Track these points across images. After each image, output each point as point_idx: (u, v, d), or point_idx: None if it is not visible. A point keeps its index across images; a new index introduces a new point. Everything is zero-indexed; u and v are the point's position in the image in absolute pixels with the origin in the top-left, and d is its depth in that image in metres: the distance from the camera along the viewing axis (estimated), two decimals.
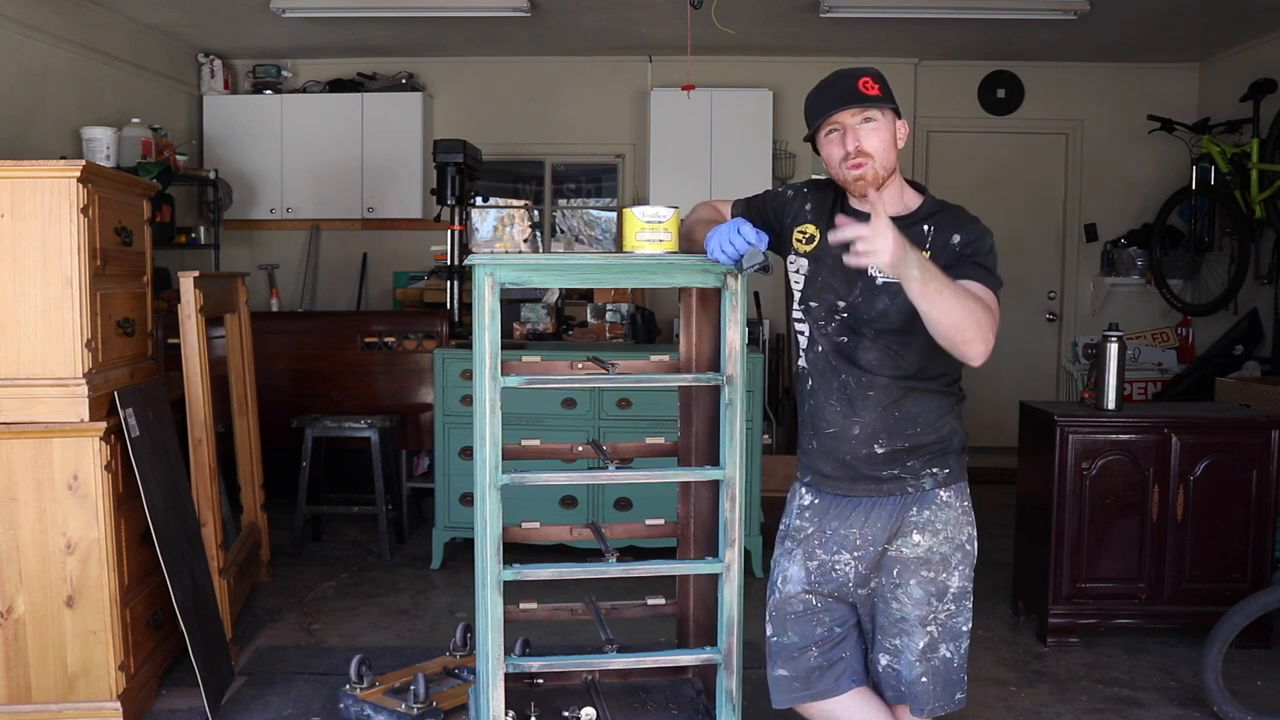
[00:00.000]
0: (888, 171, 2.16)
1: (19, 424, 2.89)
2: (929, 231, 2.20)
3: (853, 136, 2.11)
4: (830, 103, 2.12)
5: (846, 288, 2.19)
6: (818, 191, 2.29)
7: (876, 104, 2.10)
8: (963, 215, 2.27)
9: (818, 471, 2.25)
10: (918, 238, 2.15)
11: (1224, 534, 3.79)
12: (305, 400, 5.23)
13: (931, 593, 2.19)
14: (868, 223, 1.92)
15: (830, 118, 2.12)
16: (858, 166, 2.12)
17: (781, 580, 2.31)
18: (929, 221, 2.22)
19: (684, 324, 2.57)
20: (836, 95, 2.12)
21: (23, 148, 4.90)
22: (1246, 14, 5.72)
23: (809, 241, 2.24)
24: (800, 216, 2.27)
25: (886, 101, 2.12)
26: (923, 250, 2.12)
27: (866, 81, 2.12)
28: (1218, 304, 6.23)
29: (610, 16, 5.98)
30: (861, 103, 2.09)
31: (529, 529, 2.47)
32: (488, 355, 2.15)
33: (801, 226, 2.26)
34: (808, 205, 2.27)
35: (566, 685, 2.55)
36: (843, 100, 2.10)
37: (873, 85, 2.12)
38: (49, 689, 2.96)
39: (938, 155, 7.20)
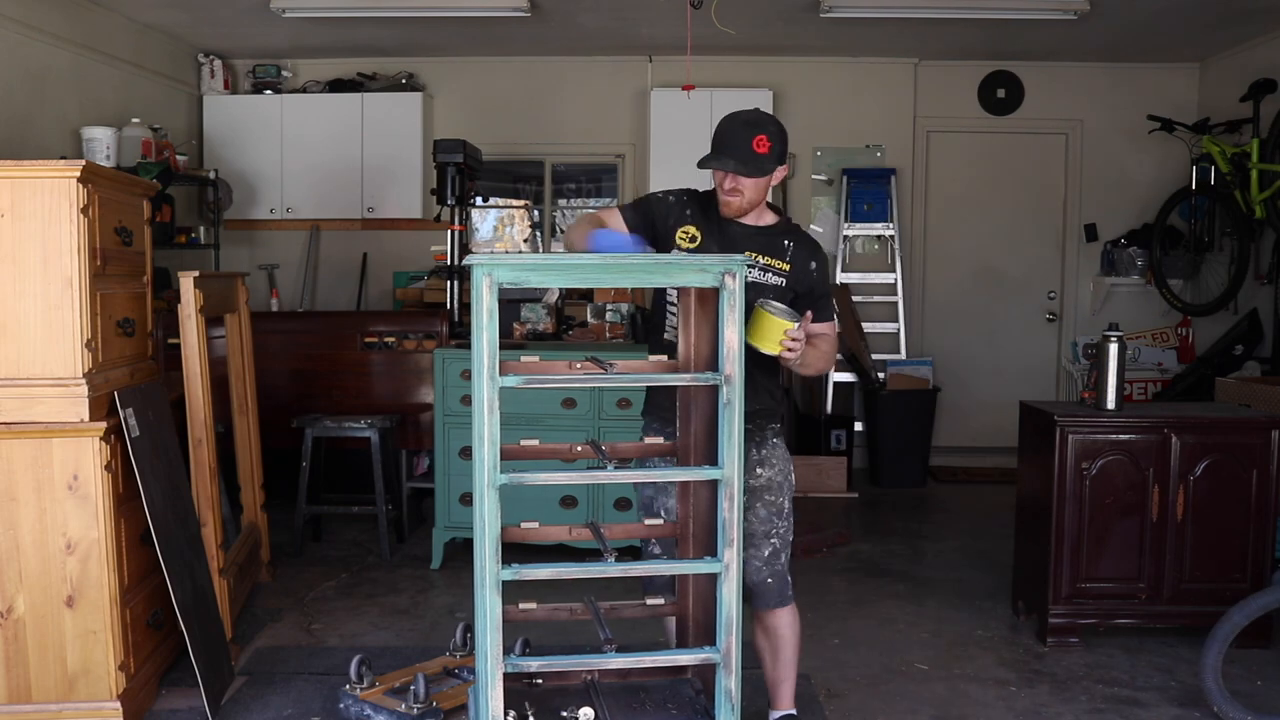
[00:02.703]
0: (753, 205, 2.73)
1: (19, 424, 2.89)
2: (789, 246, 2.75)
3: (733, 179, 2.67)
4: (726, 150, 2.64)
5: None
6: (696, 200, 2.80)
7: (759, 169, 2.63)
8: (812, 241, 2.81)
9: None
10: (779, 248, 2.75)
11: (1224, 534, 3.79)
12: (305, 400, 5.23)
13: (773, 512, 2.82)
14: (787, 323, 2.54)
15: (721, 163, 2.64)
16: (731, 195, 2.69)
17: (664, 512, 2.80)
18: (786, 237, 2.77)
19: (682, 324, 2.57)
20: (733, 146, 2.64)
21: (23, 148, 4.90)
22: (1246, 14, 5.72)
23: (691, 240, 2.74)
24: (681, 220, 2.76)
25: (771, 161, 2.65)
26: (784, 259, 2.73)
27: (761, 140, 2.63)
28: (1218, 304, 6.23)
29: (610, 16, 5.98)
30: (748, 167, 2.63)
31: (528, 529, 2.47)
32: (486, 355, 2.15)
33: (684, 228, 2.75)
34: (688, 211, 2.77)
35: (566, 685, 2.54)
36: (735, 155, 2.63)
37: (764, 144, 2.63)
38: (49, 689, 2.96)
39: (938, 155, 7.20)
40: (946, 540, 5.36)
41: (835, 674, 3.56)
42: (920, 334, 7.21)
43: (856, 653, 3.77)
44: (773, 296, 2.70)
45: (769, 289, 2.70)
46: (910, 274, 7.14)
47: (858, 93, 7.01)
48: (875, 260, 7.12)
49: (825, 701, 3.33)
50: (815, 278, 2.77)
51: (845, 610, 4.25)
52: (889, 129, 7.07)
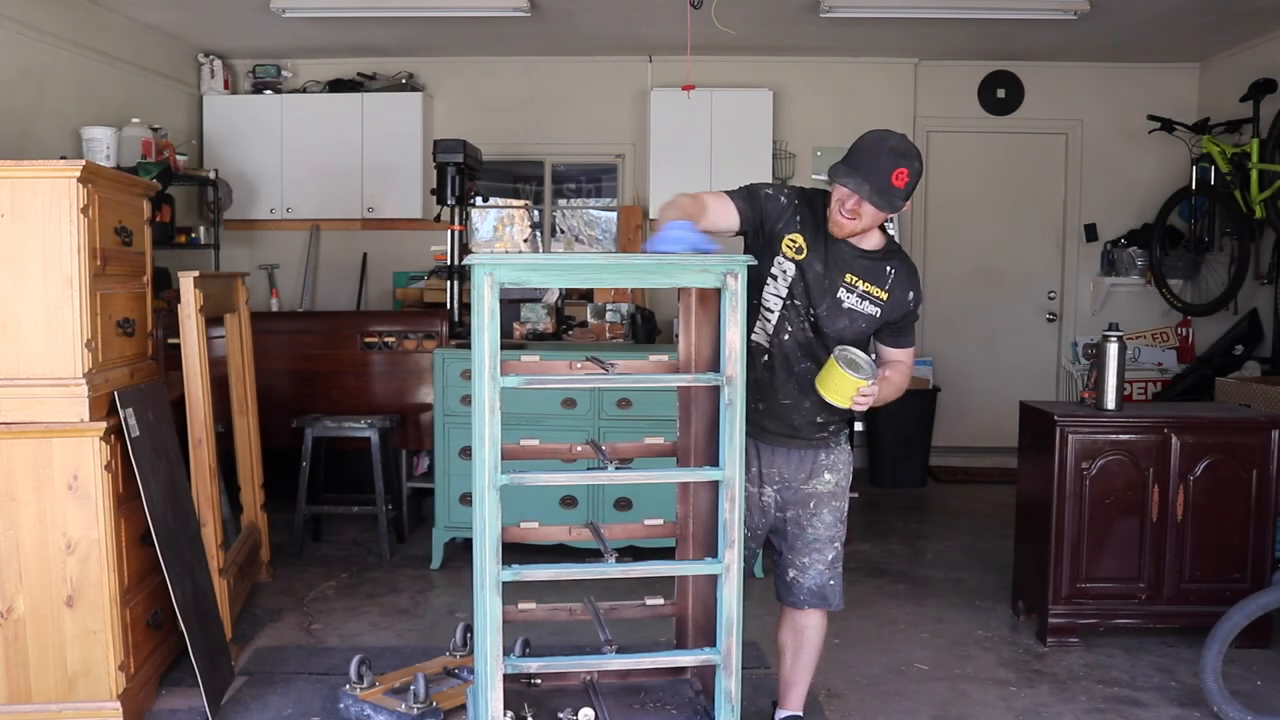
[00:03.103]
0: (866, 231, 2.63)
1: (19, 424, 2.89)
2: (890, 272, 2.68)
3: (857, 201, 2.54)
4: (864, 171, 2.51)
5: (820, 300, 2.66)
6: (808, 206, 2.67)
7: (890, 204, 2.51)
8: (913, 269, 2.74)
9: (760, 427, 2.74)
10: (880, 273, 2.67)
11: (1224, 534, 3.79)
12: (305, 400, 5.23)
13: (839, 518, 2.82)
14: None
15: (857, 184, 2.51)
16: (849, 219, 2.57)
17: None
18: (889, 263, 2.69)
19: (683, 324, 2.57)
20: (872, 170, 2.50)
21: (23, 148, 4.90)
22: (1246, 14, 5.72)
23: (798, 251, 2.64)
24: (790, 226, 2.65)
25: (903, 198, 2.53)
26: (883, 287, 2.66)
27: (902, 174, 2.51)
28: (1218, 304, 6.23)
29: (610, 16, 5.98)
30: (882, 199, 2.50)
31: (527, 529, 2.47)
32: (487, 355, 2.15)
33: (791, 236, 2.64)
34: (798, 217, 2.65)
35: (564, 686, 2.54)
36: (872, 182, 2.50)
37: (905, 178, 2.51)
38: (49, 689, 2.96)
39: (938, 155, 7.19)
40: (946, 540, 5.36)
41: (835, 674, 3.56)
42: (920, 334, 7.13)
43: (856, 653, 3.77)
44: (864, 325, 2.66)
45: (863, 317, 2.65)
46: None
47: (858, 93, 7.01)
48: None
49: (825, 702, 3.33)
50: (910, 308, 2.72)
51: (845, 610, 4.20)
52: (889, 129, 7.05)
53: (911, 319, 2.76)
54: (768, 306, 2.68)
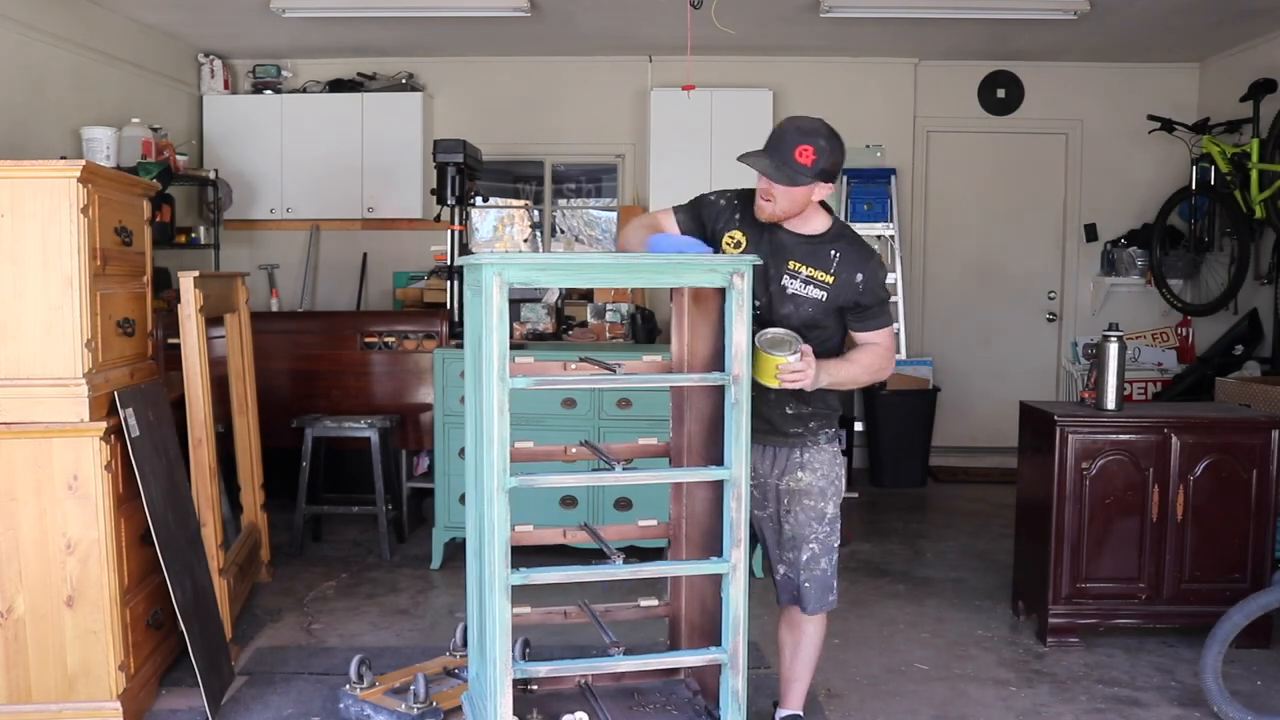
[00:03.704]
0: (788, 214, 2.64)
1: (19, 424, 2.89)
2: (835, 256, 2.67)
3: (766, 181, 2.61)
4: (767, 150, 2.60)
5: (763, 289, 2.67)
6: (744, 202, 2.73)
7: (790, 179, 2.55)
8: (862, 249, 2.71)
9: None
10: (824, 257, 2.67)
11: (1224, 534, 3.79)
12: (305, 400, 5.23)
13: (812, 516, 2.77)
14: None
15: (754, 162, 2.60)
16: (764, 200, 2.63)
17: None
18: (834, 246, 2.68)
19: (675, 324, 2.57)
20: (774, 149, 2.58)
21: (23, 148, 4.89)
22: (1246, 14, 5.72)
23: (736, 246, 2.69)
24: (729, 224, 2.72)
25: (807, 174, 2.55)
26: (828, 272, 2.65)
27: (806, 150, 2.55)
28: (1218, 304, 6.24)
29: (610, 16, 5.98)
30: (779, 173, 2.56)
31: (522, 531, 2.46)
32: (496, 356, 2.14)
33: (730, 233, 2.71)
34: (736, 215, 2.72)
35: (561, 689, 2.54)
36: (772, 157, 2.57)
37: (809, 155, 2.55)
38: (49, 689, 2.96)
39: (938, 155, 7.20)
40: (946, 540, 5.36)
41: (835, 674, 3.56)
42: (920, 334, 7.21)
43: (856, 653, 3.77)
44: (811, 310, 2.64)
45: (808, 302, 2.66)
46: (910, 274, 7.14)
47: (858, 93, 7.01)
48: None
49: (825, 702, 3.33)
50: (861, 290, 2.67)
51: (845, 610, 4.24)
52: (889, 129, 7.07)
53: (873, 300, 2.69)
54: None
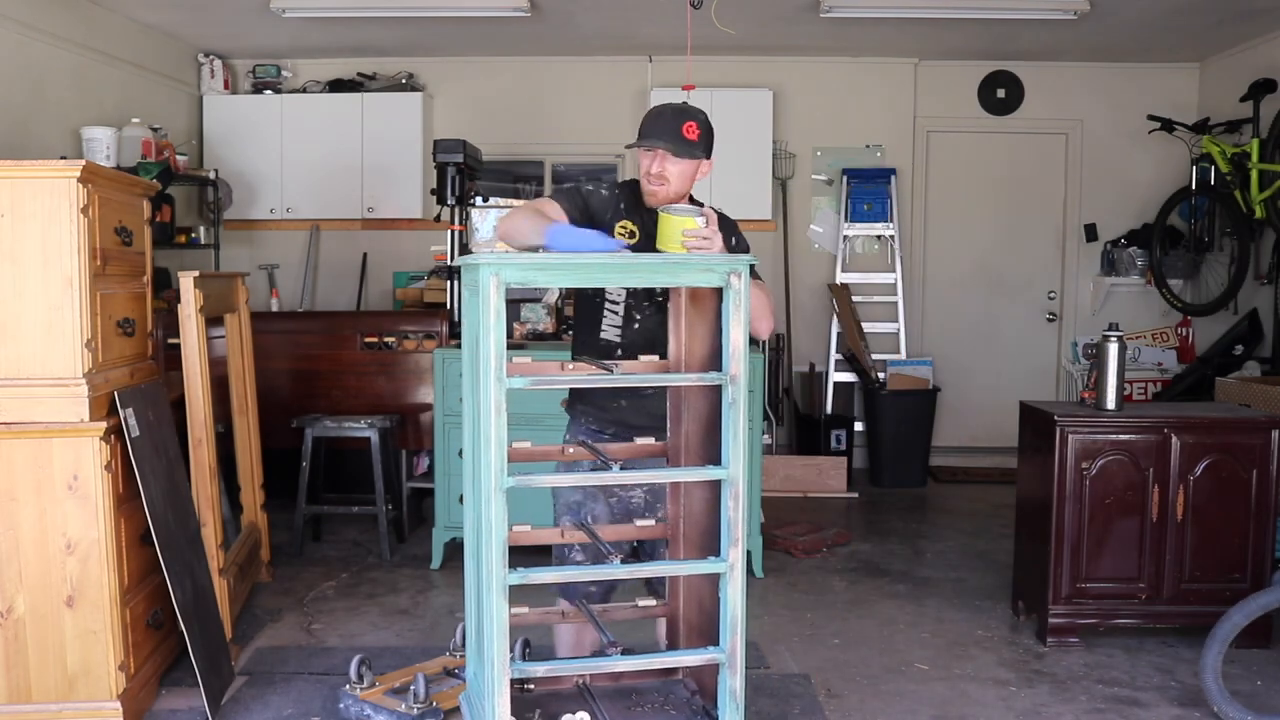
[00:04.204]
0: (679, 195, 2.68)
1: (19, 424, 2.89)
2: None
3: (659, 162, 2.63)
4: (656, 132, 2.61)
5: None
6: (628, 191, 2.75)
7: (689, 152, 2.60)
8: (730, 222, 2.75)
9: (625, 423, 2.73)
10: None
11: (1224, 534, 3.79)
12: (305, 400, 5.23)
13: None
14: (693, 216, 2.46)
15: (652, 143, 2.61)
16: (657, 184, 2.65)
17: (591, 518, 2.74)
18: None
19: (672, 324, 2.56)
20: (663, 129, 2.61)
21: (23, 148, 4.90)
22: (1246, 14, 5.72)
23: (630, 236, 2.69)
24: (618, 214, 2.71)
25: (699, 148, 2.63)
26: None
27: (691, 126, 2.61)
28: (1218, 304, 6.24)
29: (610, 16, 5.98)
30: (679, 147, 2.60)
31: (520, 531, 2.45)
32: (493, 356, 2.14)
33: (621, 223, 2.70)
34: (622, 204, 2.72)
35: (558, 689, 2.53)
36: (665, 136, 2.60)
37: (694, 130, 2.61)
38: (49, 689, 2.96)
39: (938, 155, 7.20)
40: (946, 540, 5.36)
41: (835, 674, 3.56)
42: (920, 334, 7.21)
43: (856, 653, 3.77)
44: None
45: None
46: (910, 274, 7.14)
47: (858, 93, 7.01)
48: (875, 260, 7.12)
49: (825, 701, 3.33)
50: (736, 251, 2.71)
51: (845, 610, 4.25)
52: (889, 129, 7.08)
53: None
54: (613, 300, 2.72)
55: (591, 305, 2.76)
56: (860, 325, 6.85)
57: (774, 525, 5.30)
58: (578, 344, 2.80)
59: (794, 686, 3.43)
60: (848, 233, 7.02)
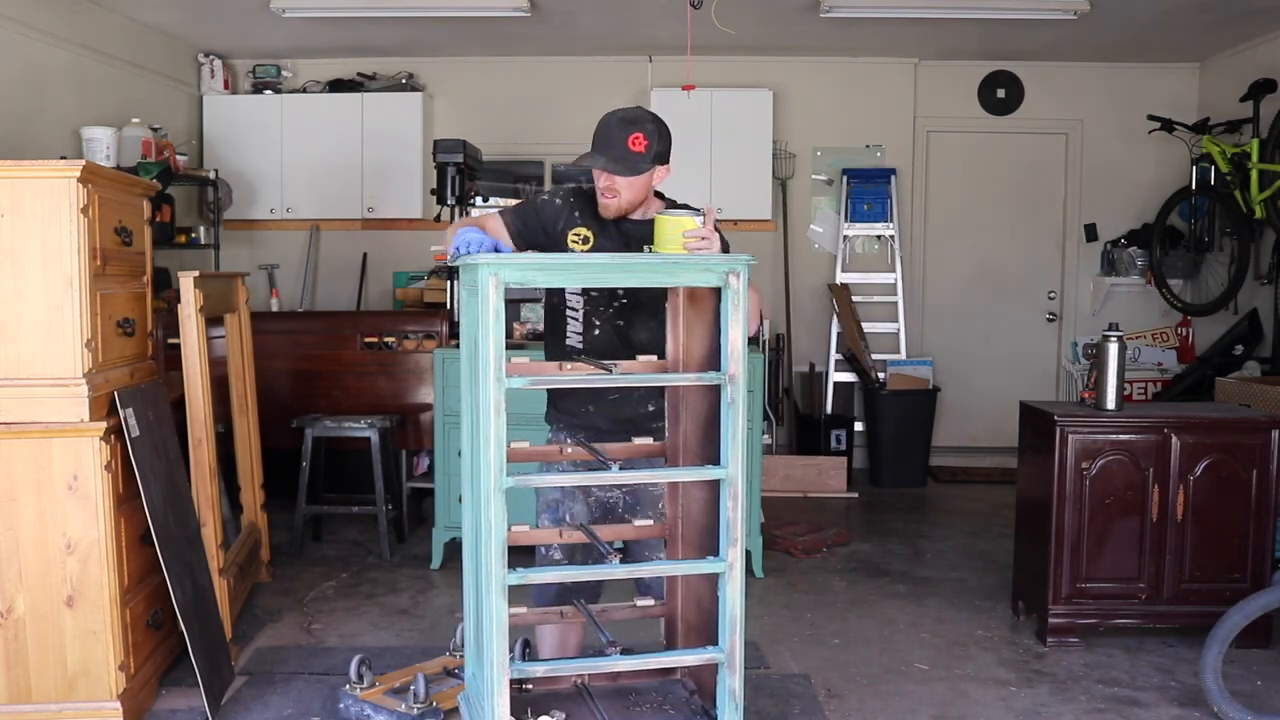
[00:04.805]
0: (634, 206, 2.67)
1: (19, 424, 2.89)
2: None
3: (608, 178, 2.62)
4: (599, 149, 2.62)
5: None
6: (582, 199, 2.74)
7: (632, 168, 2.59)
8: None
9: (594, 428, 2.73)
10: None
11: (1224, 534, 3.79)
12: (305, 400, 5.23)
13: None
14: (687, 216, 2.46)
15: (593, 162, 2.62)
16: (608, 197, 2.64)
17: (569, 516, 2.73)
18: None
19: (671, 324, 2.57)
20: (607, 145, 2.60)
21: (23, 148, 4.89)
22: (1246, 14, 5.72)
23: (584, 242, 2.69)
24: (571, 222, 2.71)
25: (645, 161, 2.60)
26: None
27: (637, 138, 2.59)
28: (1218, 304, 6.23)
29: (610, 16, 5.98)
30: (620, 165, 2.59)
31: (518, 531, 2.45)
32: (492, 356, 2.14)
33: (575, 230, 2.70)
34: (576, 212, 2.72)
35: (556, 689, 2.53)
36: (607, 154, 2.59)
37: (641, 142, 2.59)
38: (49, 689, 2.96)
39: (938, 155, 7.20)
40: (946, 540, 5.36)
41: (835, 674, 3.56)
42: (920, 334, 7.21)
43: (856, 653, 3.77)
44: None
45: None
46: (910, 274, 7.14)
47: (858, 93, 7.01)
48: (875, 260, 7.12)
49: (825, 701, 3.33)
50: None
51: (845, 610, 4.25)
52: (889, 129, 7.07)
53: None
54: (572, 307, 2.73)
55: (556, 312, 2.78)
56: (860, 325, 6.85)
57: (774, 525, 5.30)
58: (548, 349, 2.83)
59: (794, 686, 3.43)
60: (848, 233, 7.02)
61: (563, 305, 2.76)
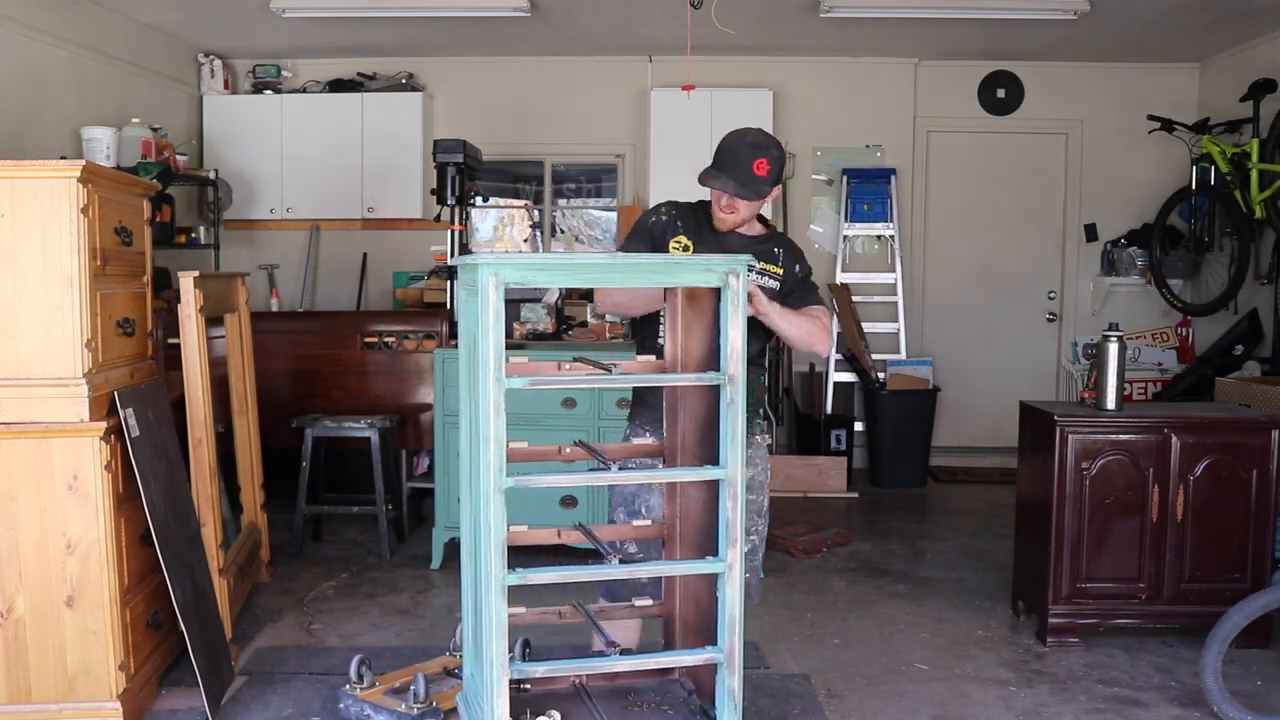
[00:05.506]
0: (746, 222, 2.86)
1: (19, 424, 2.89)
2: (779, 254, 2.92)
3: (728, 196, 2.78)
4: (726, 171, 2.75)
5: None
6: (684, 212, 2.91)
7: (757, 193, 2.75)
8: (796, 248, 2.98)
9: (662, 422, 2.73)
10: (772, 255, 2.89)
11: (1224, 534, 3.79)
12: (305, 400, 5.23)
13: (754, 510, 2.88)
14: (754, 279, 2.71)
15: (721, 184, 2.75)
16: (727, 213, 2.81)
17: (645, 509, 2.82)
18: (775, 245, 2.94)
19: (669, 324, 2.57)
20: (733, 167, 2.74)
21: (23, 148, 4.90)
22: (1246, 14, 5.72)
23: (684, 249, 2.83)
24: (673, 231, 2.86)
25: (768, 184, 2.76)
26: (777, 264, 2.89)
27: (762, 164, 2.73)
28: (1218, 304, 6.24)
29: (610, 16, 5.98)
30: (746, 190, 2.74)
31: (517, 531, 2.45)
32: (492, 356, 2.14)
33: (676, 238, 2.85)
34: (679, 223, 2.87)
35: (555, 689, 2.53)
36: (734, 177, 2.73)
37: (765, 167, 2.74)
38: (49, 689, 2.96)
39: (938, 155, 7.20)
40: (946, 540, 5.36)
41: (835, 674, 3.56)
42: (920, 334, 7.21)
43: (856, 653, 3.77)
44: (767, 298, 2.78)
45: (766, 291, 2.80)
46: (910, 274, 7.14)
47: (858, 93, 7.01)
48: (875, 260, 7.12)
49: (825, 701, 3.33)
50: (802, 278, 2.95)
51: (845, 610, 4.25)
52: (889, 129, 7.08)
53: (808, 284, 2.95)
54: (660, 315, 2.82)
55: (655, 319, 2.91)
56: (860, 325, 6.85)
57: (774, 525, 5.30)
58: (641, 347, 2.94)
59: (794, 686, 3.43)
60: (848, 233, 7.02)
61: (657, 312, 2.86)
